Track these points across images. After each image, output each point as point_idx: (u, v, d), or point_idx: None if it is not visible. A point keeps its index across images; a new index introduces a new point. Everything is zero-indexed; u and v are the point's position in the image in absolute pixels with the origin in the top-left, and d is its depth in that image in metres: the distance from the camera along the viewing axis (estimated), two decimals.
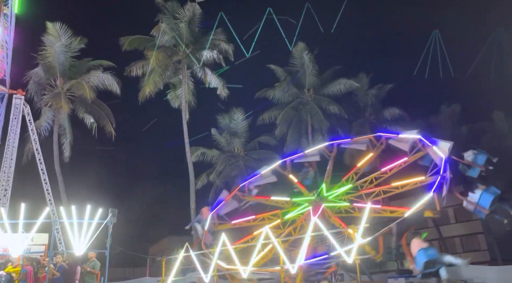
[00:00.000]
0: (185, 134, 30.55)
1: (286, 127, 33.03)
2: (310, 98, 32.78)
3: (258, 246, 13.52)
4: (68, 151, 28.52)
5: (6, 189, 20.59)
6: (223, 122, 33.45)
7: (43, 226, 14.35)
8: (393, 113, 32.24)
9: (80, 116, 29.35)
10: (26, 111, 23.01)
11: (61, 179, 27.15)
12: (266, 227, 13.71)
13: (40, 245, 15.35)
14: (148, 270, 31.94)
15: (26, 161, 25.62)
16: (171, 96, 31.93)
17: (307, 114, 32.50)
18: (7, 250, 13.76)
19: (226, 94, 31.55)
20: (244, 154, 33.33)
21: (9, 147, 21.43)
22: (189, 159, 30.42)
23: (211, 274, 13.98)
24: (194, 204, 28.82)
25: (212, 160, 32.77)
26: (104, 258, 14.26)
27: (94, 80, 28.73)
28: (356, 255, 11.48)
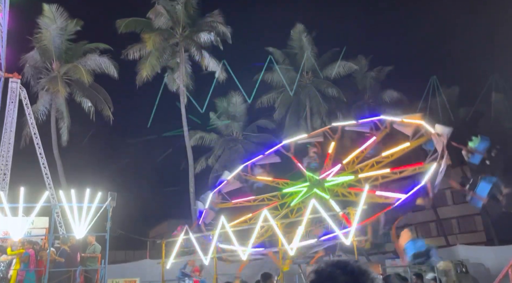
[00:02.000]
0: (183, 118, 30.47)
1: (284, 111, 32.97)
2: (308, 81, 32.62)
3: (257, 228, 13.66)
4: (66, 135, 28.45)
5: (5, 173, 20.59)
6: (221, 106, 33.33)
7: (43, 210, 14.41)
8: (392, 96, 32.16)
9: (78, 100, 29.16)
10: (23, 95, 22.81)
11: (59, 163, 27.16)
12: (265, 210, 13.82)
13: (40, 229, 15.41)
14: (148, 253, 32.27)
15: (24, 146, 25.57)
16: (168, 80, 31.72)
17: (306, 97, 32.39)
18: (7, 233, 13.82)
19: (224, 78, 31.34)
20: (242, 137, 33.33)
21: (6, 132, 21.32)
22: (187, 143, 30.42)
23: (210, 256, 14.16)
24: (193, 188, 28.97)
25: (210, 144, 32.79)
26: (104, 241, 14.37)
27: (91, 64, 28.45)
28: (354, 237, 11.61)
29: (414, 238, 12.06)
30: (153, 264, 19.67)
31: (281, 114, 33.01)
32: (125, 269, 20.00)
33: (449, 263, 15.42)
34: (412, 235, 12.30)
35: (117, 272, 17.61)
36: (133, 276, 16.82)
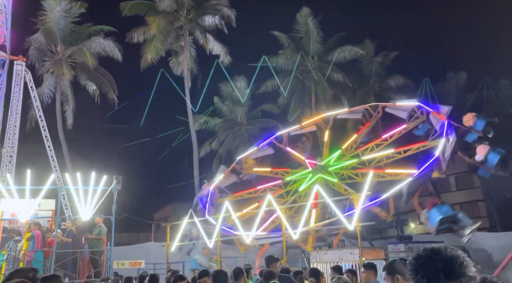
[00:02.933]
0: (188, 102, 30.42)
1: (289, 96, 32.77)
2: (314, 65, 32.33)
3: (261, 213, 13.76)
4: (71, 119, 28.56)
5: (12, 156, 20.76)
6: (225, 90, 33.19)
7: (50, 192, 14.58)
8: (398, 81, 31.87)
9: (82, 83, 29.18)
10: (28, 77, 22.83)
11: (65, 146, 27.35)
12: (268, 195, 13.89)
13: (47, 211, 15.60)
14: (153, 236, 32.69)
15: (30, 128, 25.74)
16: (173, 63, 31.58)
17: (311, 82, 32.16)
18: (15, 215, 14.02)
19: (229, 61, 31.15)
20: (246, 122, 33.28)
21: (12, 114, 21.42)
22: (191, 127, 30.46)
23: (214, 240, 14.31)
24: (197, 172, 29.12)
25: (215, 128, 32.80)
26: (110, 223, 14.55)
27: (95, 47, 28.35)
28: (357, 221, 11.67)
29: (439, 204, 12.06)
30: (158, 246, 19.91)
31: (286, 99, 32.84)
32: (130, 251, 20.26)
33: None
34: (436, 201, 12.31)
35: (122, 254, 17.84)
36: (138, 258, 17.04)
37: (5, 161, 20.56)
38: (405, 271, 3.79)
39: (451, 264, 1.60)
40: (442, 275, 1.58)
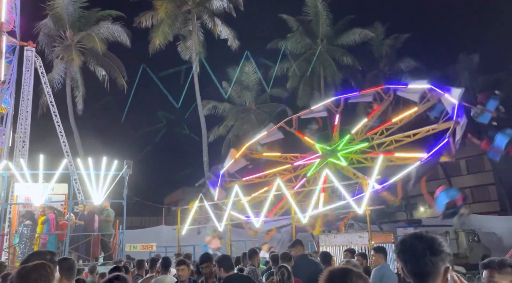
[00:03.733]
0: (196, 87, 30.40)
1: (298, 80, 32.52)
2: (323, 49, 31.94)
3: (270, 197, 13.86)
4: (81, 104, 28.78)
5: (24, 141, 21.05)
6: (234, 75, 33.04)
7: (62, 177, 14.82)
8: (409, 64, 31.35)
9: (92, 68, 29.27)
10: (38, 63, 22.94)
11: (76, 132, 27.65)
12: (278, 179, 13.95)
13: (60, 195, 15.89)
14: (164, 219, 33.16)
15: (42, 114, 26.01)
16: (181, 48, 31.46)
17: (320, 65, 31.84)
18: (29, 199, 14.31)
19: (237, 46, 30.92)
20: (255, 107, 33.20)
21: (24, 100, 21.64)
22: (200, 112, 30.50)
23: (224, 223, 14.47)
24: (206, 157, 29.28)
25: (223, 113, 32.79)
26: (121, 208, 14.78)
27: (104, 32, 28.31)
28: (366, 205, 11.69)
29: (446, 188, 12.08)
30: (168, 230, 20.23)
31: (295, 83, 32.60)
32: (141, 235, 20.63)
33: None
34: (443, 185, 12.35)
35: (134, 237, 18.16)
36: (149, 241, 17.31)
37: (18, 146, 20.87)
38: None
39: (433, 244, 1.95)
40: (428, 253, 1.92)
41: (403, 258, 2.00)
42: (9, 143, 20.69)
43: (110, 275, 3.13)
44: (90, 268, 9.37)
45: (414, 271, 1.95)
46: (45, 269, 2.25)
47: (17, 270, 2.26)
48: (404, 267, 2.00)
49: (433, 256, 1.93)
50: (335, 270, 2.32)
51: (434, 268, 1.92)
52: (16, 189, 15.54)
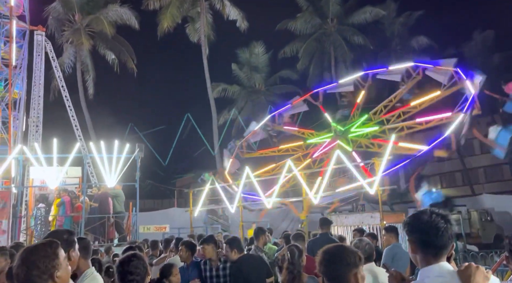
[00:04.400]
0: (205, 69, 30.26)
1: (308, 61, 32.13)
2: (333, 28, 31.41)
3: (281, 178, 13.89)
4: (92, 88, 28.94)
5: (37, 125, 21.33)
6: (243, 57, 32.77)
7: (76, 160, 15.04)
8: (421, 42, 30.65)
9: (101, 52, 29.29)
10: (48, 47, 23.01)
11: (87, 116, 27.90)
12: (288, 160, 13.95)
13: (74, 178, 16.18)
14: (176, 201, 33.54)
15: (54, 98, 26.24)
16: (189, 30, 31.21)
17: (330, 45, 31.37)
18: (44, 182, 14.58)
19: (246, 27, 30.57)
20: (265, 89, 33.01)
21: (35, 85, 21.82)
22: (210, 95, 30.45)
23: (236, 205, 14.59)
24: (217, 139, 29.37)
25: (233, 95, 32.68)
26: (135, 190, 14.98)
27: (112, 15, 28.19)
28: (378, 186, 11.66)
29: (430, 190, 11.97)
30: (181, 212, 20.49)
31: (305, 64, 32.22)
32: (154, 217, 20.91)
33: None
34: (427, 187, 12.22)
35: (147, 219, 18.44)
36: (162, 223, 17.59)
37: (32, 130, 21.16)
38: None
39: (439, 219, 2.02)
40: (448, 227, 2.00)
41: (413, 235, 2.06)
42: (23, 128, 20.98)
43: (127, 253, 3.18)
44: (106, 249, 9.58)
45: (435, 244, 2.01)
46: (45, 250, 2.22)
47: (20, 252, 2.25)
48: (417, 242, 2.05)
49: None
50: (329, 248, 2.38)
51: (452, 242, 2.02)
52: (31, 173, 15.86)
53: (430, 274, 1.98)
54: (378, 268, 4.15)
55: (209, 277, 5.17)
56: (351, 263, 2.30)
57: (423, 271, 2.02)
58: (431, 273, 1.97)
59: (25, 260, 2.17)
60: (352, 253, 2.35)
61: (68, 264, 2.35)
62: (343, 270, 2.28)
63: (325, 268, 2.32)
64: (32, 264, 2.16)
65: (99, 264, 5.01)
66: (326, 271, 2.32)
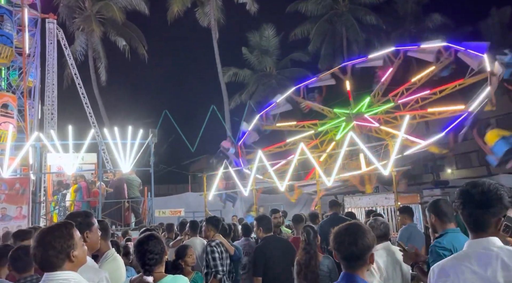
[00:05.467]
0: (216, 54, 30.12)
1: (319, 42, 31.64)
2: (345, 8, 30.80)
3: (294, 161, 13.88)
4: (104, 76, 29.11)
5: (52, 113, 21.67)
6: (253, 40, 32.45)
7: (90, 147, 15.24)
8: (436, 21, 29.86)
9: (112, 39, 29.35)
10: (60, 35, 23.14)
11: (100, 102, 28.16)
12: (301, 144, 13.90)
13: (90, 164, 16.46)
14: (190, 186, 33.89)
15: (67, 86, 26.53)
16: (199, 15, 31.00)
17: (342, 26, 30.80)
18: (61, 168, 14.85)
19: (256, 9, 30.21)
20: (276, 72, 32.74)
21: (49, 73, 22.06)
22: (221, 79, 30.37)
23: (249, 188, 14.67)
24: (229, 124, 29.41)
25: (244, 80, 32.52)
26: (149, 175, 15.16)
27: (122, 1, 28.14)
28: (392, 167, 11.58)
29: (506, 135, 11.61)
30: (195, 196, 20.69)
31: (316, 46, 31.74)
32: (169, 201, 21.20)
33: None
34: (502, 132, 11.84)
35: (162, 204, 18.72)
36: (177, 207, 17.83)
37: (47, 118, 21.50)
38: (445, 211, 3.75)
39: (487, 196, 1.91)
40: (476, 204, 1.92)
41: (461, 209, 2.00)
42: (38, 116, 21.32)
43: (145, 233, 3.25)
44: (123, 233, 9.77)
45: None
46: (60, 230, 2.25)
47: (36, 233, 2.29)
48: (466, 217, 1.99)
49: (484, 208, 1.92)
50: (345, 226, 2.33)
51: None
52: (48, 159, 16.16)
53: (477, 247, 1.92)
54: (394, 247, 4.16)
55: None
56: (371, 243, 2.26)
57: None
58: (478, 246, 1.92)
59: (41, 241, 2.22)
60: (370, 233, 2.31)
61: (84, 245, 2.40)
62: (363, 249, 2.23)
63: (343, 247, 2.26)
64: (48, 245, 2.20)
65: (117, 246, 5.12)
66: (343, 250, 2.26)
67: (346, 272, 2.26)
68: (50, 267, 2.21)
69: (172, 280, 3.02)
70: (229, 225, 6.65)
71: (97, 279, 2.76)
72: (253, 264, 5.03)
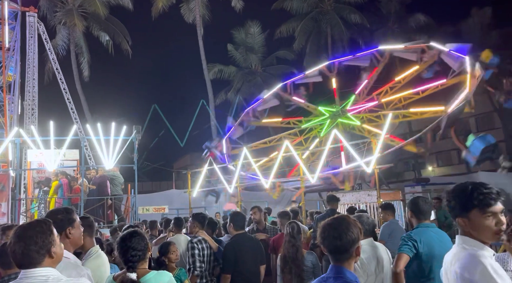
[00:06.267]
0: (201, 50, 29.97)
1: (304, 40, 31.75)
2: (330, 7, 30.97)
3: (278, 158, 13.94)
4: (87, 71, 28.62)
5: (33, 108, 21.21)
6: (239, 37, 32.38)
7: (73, 143, 15.00)
8: (419, 21, 30.30)
9: (95, 34, 28.86)
10: (41, 29, 22.61)
11: (83, 98, 27.68)
12: (286, 141, 13.97)
13: (72, 161, 16.20)
14: (174, 183, 33.69)
15: (48, 81, 26.00)
16: (184, 10, 30.75)
17: (327, 24, 30.96)
18: (42, 165, 14.58)
19: (241, 6, 30.14)
20: (261, 70, 32.75)
21: (29, 67, 21.56)
22: (206, 76, 30.24)
23: (234, 185, 14.68)
24: (214, 121, 29.33)
25: (230, 77, 32.44)
26: (133, 172, 15.01)
27: None
28: (375, 164, 11.74)
29: (482, 135, 11.92)
30: (179, 193, 20.61)
31: (301, 44, 31.85)
32: (153, 198, 21.05)
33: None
34: (473, 134, 12.16)
35: (146, 201, 18.57)
36: (161, 204, 17.72)
37: (28, 113, 21.04)
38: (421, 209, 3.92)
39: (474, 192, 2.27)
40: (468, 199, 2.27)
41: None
42: (18, 111, 20.86)
43: (128, 230, 3.22)
44: (111, 230, 9.62)
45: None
46: (40, 226, 2.23)
47: (15, 229, 2.25)
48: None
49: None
50: (332, 221, 2.37)
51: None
52: (29, 156, 15.85)
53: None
54: (377, 243, 4.24)
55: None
56: (355, 236, 2.30)
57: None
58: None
59: (22, 236, 2.17)
60: (355, 226, 2.35)
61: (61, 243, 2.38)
62: (347, 242, 2.27)
63: (328, 241, 2.31)
64: (29, 239, 2.16)
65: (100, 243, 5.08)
66: (329, 244, 2.31)
67: (333, 265, 2.31)
68: (29, 263, 2.17)
69: (155, 276, 3.01)
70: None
71: (78, 276, 2.73)
72: (223, 261, 5.02)
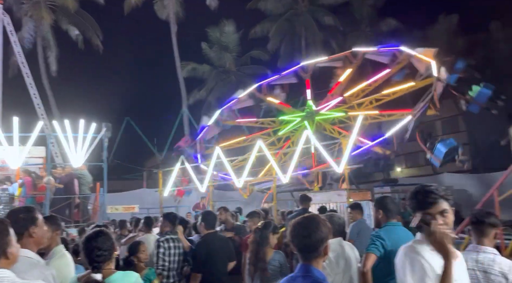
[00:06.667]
0: (175, 48, 29.65)
1: (279, 41, 31.97)
2: (304, 8, 31.29)
3: (251, 158, 13.95)
4: (55, 65, 27.73)
5: None
6: (213, 36, 32.21)
7: (39, 140, 14.47)
8: (390, 25, 31.08)
9: (64, 28, 28.00)
10: (6, 21, 21.68)
11: (50, 93, 26.79)
12: (259, 141, 13.99)
13: (37, 158, 15.63)
14: (145, 182, 33.13)
15: (13, 75, 24.98)
16: (157, 7, 30.31)
17: (301, 26, 31.28)
18: (4, 162, 13.98)
19: (216, 5, 30.01)
20: (236, 69, 32.71)
21: None
22: (179, 74, 29.94)
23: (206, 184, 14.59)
24: (187, 120, 29.09)
25: (203, 75, 32.23)
26: (101, 170, 14.68)
27: None
28: (346, 165, 11.94)
29: (443, 138, 12.42)
30: (150, 192, 20.28)
31: (276, 45, 32.06)
32: (123, 197, 20.63)
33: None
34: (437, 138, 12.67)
35: (115, 200, 18.16)
36: (131, 204, 17.40)
37: None
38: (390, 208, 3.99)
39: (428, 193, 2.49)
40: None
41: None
42: None
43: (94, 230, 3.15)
44: (79, 230, 9.36)
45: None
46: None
47: None
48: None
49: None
50: (302, 220, 2.40)
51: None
52: None
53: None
54: (346, 242, 4.31)
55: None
56: (324, 235, 2.32)
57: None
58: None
59: None
60: (324, 225, 2.37)
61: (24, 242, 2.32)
62: (316, 241, 2.29)
63: (297, 240, 2.32)
64: None
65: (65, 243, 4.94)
66: (298, 242, 2.32)
67: (302, 264, 2.33)
68: None
69: (122, 276, 2.95)
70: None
71: (42, 277, 2.64)
72: (194, 260, 5.00)
